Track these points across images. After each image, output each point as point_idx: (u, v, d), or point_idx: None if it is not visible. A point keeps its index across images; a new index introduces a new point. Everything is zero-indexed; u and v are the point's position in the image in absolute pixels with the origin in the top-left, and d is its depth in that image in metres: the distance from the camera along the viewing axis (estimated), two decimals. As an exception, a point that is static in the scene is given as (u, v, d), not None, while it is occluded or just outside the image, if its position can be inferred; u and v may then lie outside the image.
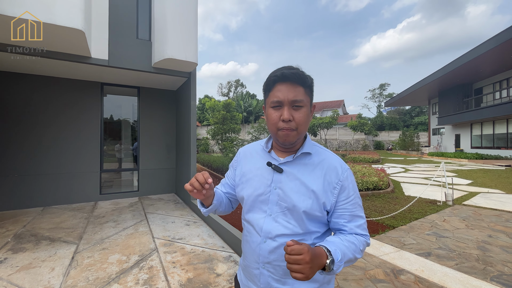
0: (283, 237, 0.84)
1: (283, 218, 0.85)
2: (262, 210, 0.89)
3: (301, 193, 0.84)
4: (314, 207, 0.83)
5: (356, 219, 0.86)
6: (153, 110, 5.95)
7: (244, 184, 0.96)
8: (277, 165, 0.89)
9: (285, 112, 0.80)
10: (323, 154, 0.90)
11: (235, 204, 1.11)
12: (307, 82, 0.83)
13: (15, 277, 2.36)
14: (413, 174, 9.70)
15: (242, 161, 1.02)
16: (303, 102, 0.81)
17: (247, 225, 0.94)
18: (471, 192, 6.37)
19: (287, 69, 0.82)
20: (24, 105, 4.72)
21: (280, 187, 0.86)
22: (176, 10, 4.26)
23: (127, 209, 4.69)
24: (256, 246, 0.88)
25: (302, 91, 0.82)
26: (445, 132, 22.17)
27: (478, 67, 15.14)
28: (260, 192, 0.90)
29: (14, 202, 4.58)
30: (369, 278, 2.43)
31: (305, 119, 0.83)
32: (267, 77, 0.85)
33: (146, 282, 2.29)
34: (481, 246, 3.19)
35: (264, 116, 0.91)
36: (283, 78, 0.81)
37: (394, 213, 4.41)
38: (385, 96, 45.15)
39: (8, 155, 4.58)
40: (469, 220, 4.23)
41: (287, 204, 0.84)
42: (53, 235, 3.38)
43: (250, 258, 0.91)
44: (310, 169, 0.87)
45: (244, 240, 0.97)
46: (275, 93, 0.82)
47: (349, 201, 0.85)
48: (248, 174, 0.96)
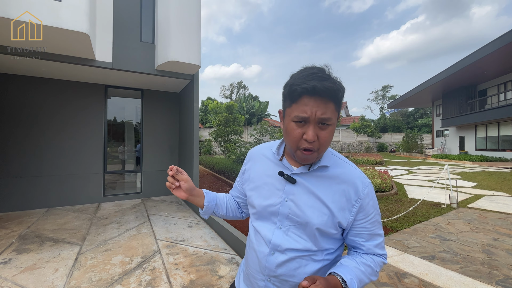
0: (294, 251, 0.78)
1: (294, 232, 0.79)
2: (272, 222, 0.83)
3: (315, 208, 0.77)
4: (329, 224, 0.77)
5: (374, 238, 0.80)
6: (156, 112, 5.99)
7: (253, 191, 0.89)
8: (289, 176, 0.81)
9: (310, 132, 0.70)
10: (342, 167, 0.82)
11: (246, 209, 1.05)
12: (340, 97, 0.71)
13: (19, 277, 2.38)
14: (416, 177, 9.62)
15: (251, 165, 0.96)
16: (331, 121, 0.70)
17: (255, 233, 0.87)
18: (476, 195, 6.30)
19: (318, 79, 0.67)
20: (30, 108, 4.78)
21: (292, 199, 0.80)
22: (179, 13, 4.30)
23: (130, 210, 4.71)
24: (263, 258, 0.81)
25: (332, 108, 0.70)
26: (449, 134, 22.00)
27: (483, 69, 15.02)
28: (270, 203, 0.83)
29: (19, 203, 4.63)
30: (372, 281, 2.41)
31: (330, 138, 0.73)
32: (292, 83, 0.71)
33: (148, 284, 2.29)
34: (486, 249, 3.15)
35: (282, 125, 0.80)
36: (313, 93, 0.67)
37: (398, 215, 4.38)
38: (388, 98, 44.95)
39: (12, 157, 4.63)
40: (474, 223, 4.18)
41: (299, 218, 0.78)
42: (57, 236, 3.40)
43: (254, 268, 0.85)
44: (327, 182, 0.79)
45: (249, 246, 0.90)
46: (301, 107, 0.69)
47: (368, 220, 0.79)
48: (257, 180, 0.89)
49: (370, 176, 6.92)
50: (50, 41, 3.36)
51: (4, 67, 4.29)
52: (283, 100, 0.78)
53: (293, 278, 0.78)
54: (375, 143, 30.49)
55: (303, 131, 0.71)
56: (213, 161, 10.73)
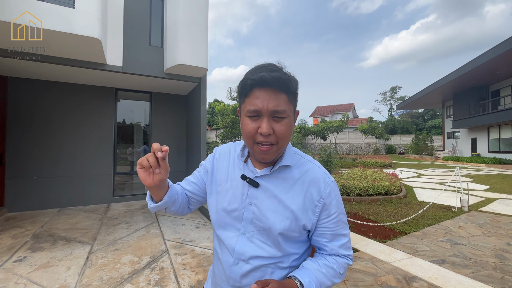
0: (258, 259, 0.75)
1: (258, 238, 0.76)
2: (236, 228, 0.78)
3: (278, 212, 0.74)
4: (292, 228, 0.74)
5: (338, 238, 0.78)
6: (165, 114, 6.09)
7: (218, 195, 0.84)
8: (252, 179, 0.77)
9: (264, 125, 0.67)
10: (305, 166, 0.79)
11: (193, 206, 0.95)
12: (291, 87, 0.69)
13: (34, 275, 2.46)
14: (426, 179, 9.43)
15: (218, 166, 0.88)
16: (285, 113, 0.69)
17: (219, 242, 0.83)
18: (489, 198, 6.13)
19: (267, 70, 0.67)
20: (43, 111, 4.95)
21: (256, 203, 0.76)
22: (187, 17, 4.39)
23: (139, 211, 4.80)
24: (227, 268, 0.78)
25: (284, 99, 0.68)
26: (460, 135, 21.48)
27: (495, 69, 14.64)
28: (233, 208, 0.79)
29: (33, 203, 4.78)
30: (380, 284, 2.39)
31: (287, 131, 0.70)
32: (243, 78, 0.71)
33: (157, 283, 2.33)
34: (499, 254, 3.07)
35: (240, 123, 0.76)
36: (262, 83, 0.67)
37: (407, 218, 4.31)
38: (396, 99, 44.29)
39: (26, 158, 4.79)
40: (486, 227, 4.08)
41: (262, 224, 0.75)
42: (69, 236, 3.50)
43: (220, 278, 0.82)
44: (290, 184, 0.77)
45: (215, 255, 0.86)
46: (252, 100, 0.68)
47: (331, 220, 0.76)
48: (221, 184, 0.84)
49: (378, 178, 6.83)
50: (63, 46, 3.48)
51: (19, 72, 4.46)
52: (238, 98, 0.77)
53: None
54: (383, 145, 30.05)
55: (257, 125, 0.69)
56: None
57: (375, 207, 5.24)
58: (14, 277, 2.41)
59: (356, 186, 5.93)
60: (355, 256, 2.97)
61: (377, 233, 3.76)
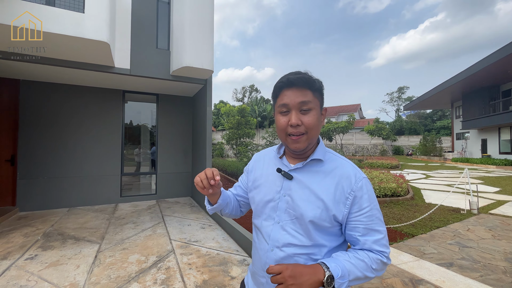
0: (291, 247, 0.81)
1: (291, 226, 0.82)
2: (271, 217, 0.86)
3: (309, 201, 0.80)
4: (323, 217, 0.78)
5: (371, 233, 0.78)
6: (171, 116, 6.17)
7: (256, 190, 0.94)
8: (286, 172, 0.86)
9: (293, 117, 0.78)
10: (337, 162, 0.85)
11: (244, 208, 1.09)
12: (315, 85, 0.80)
13: (44, 272, 2.53)
14: (434, 181, 9.28)
15: (255, 166, 1.01)
16: (311, 104, 0.78)
17: (256, 231, 0.93)
18: (499, 201, 5.99)
19: (293, 74, 0.80)
20: (52, 112, 5.07)
21: (289, 194, 0.84)
22: (193, 21, 4.45)
23: (145, 211, 4.86)
24: (264, 254, 0.85)
25: (310, 94, 0.79)
26: (470, 136, 21.02)
27: (506, 68, 14.31)
28: (269, 198, 0.88)
29: (43, 202, 4.90)
30: (386, 287, 2.37)
31: (315, 122, 0.79)
32: (275, 84, 0.84)
33: (163, 282, 2.37)
34: (509, 258, 3.00)
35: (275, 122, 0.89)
36: (289, 84, 0.79)
37: (414, 220, 4.26)
38: (404, 100, 43.67)
39: (37, 159, 4.92)
40: (496, 230, 3.99)
41: (295, 212, 0.81)
42: (78, 235, 3.58)
43: (258, 265, 0.89)
44: (321, 177, 0.82)
45: (253, 245, 0.95)
46: (282, 98, 0.80)
47: (363, 213, 0.79)
48: (259, 179, 0.95)
49: (385, 180, 6.75)
50: (72, 50, 3.58)
51: (30, 75, 4.59)
52: (272, 102, 0.89)
53: None
54: (390, 146, 29.65)
55: (287, 119, 0.79)
56: (225, 163, 10.85)
57: (382, 209, 5.18)
58: (26, 275, 2.48)
59: (362, 187, 5.88)
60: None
61: (383, 235, 3.72)
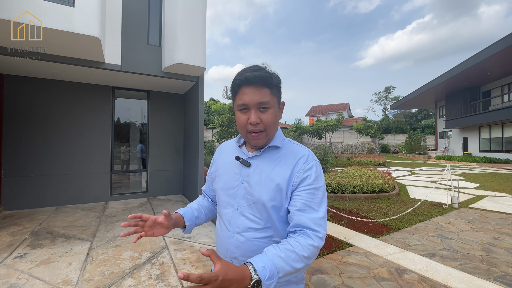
0: (250, 231, 0.84)
1: (249, 211, 0.85)
2: (230, 204, 0.89)
3: (265, 185, 0.83)
4: (278, 198, 0.82)
5: (309, 211, 0.78)
6: (162, 113, 6.12)
7: (217, 179, 0.98)
8: (244, 159, 0.89)
9: (252, 116, 0.80)
10: (292, 147, 0.90)
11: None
12: (272, 82, 0.82)
13: (35, 270, 2.50)
14: (419, 178, 9.65)
15: (218, 158, 1.04)
16: (269, 104, 0.81)
17: (219, 219, 0.96)
18: (478, 196, 6.33)
19: (251, 71, 0.81)
20: (40, 109, 4.93)
21: (247, 181, 0.87)
22: (185, 16, 4.43)
23: (136, 209, 4.83)
24: (225, 241, 0.88)
25: (267, 93, 0.81)
26: (452, 135, 21.91)
27: (486, 70, 14.99)
28: (229, 186, 0.91)
29: (29, 201, 4.77)
30: (373, 276, 2.49)
31: (273, 119, 0.83)
32: (233, 79, 0.84)
33: (158, 277, 2.40)
34: (486, 248, 3.21)
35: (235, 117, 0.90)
36: (247, 82, 0.80)
37: (399, 215, 4.45)
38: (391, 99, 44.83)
39: (23, 156, 4.78)
40: (474, 222, 4.24)
41: (252, 197, 0.84)
42: (68, 233, 3.52)
43: (220, 253, 0.91)
44: (277, 161, 0.86)
45: (216, 233, 0.99)
46: (241, 96, 0.81)
47: (306, 189, 0.80)
48: (220, 168, 0.98)
49: (373, 177, 6.98)
50: (62, 44, 3.50)
51: (15, 69, 4.44)
52: (231, 97, 0.89)
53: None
54: (377, 144, 30.42)
55: (247, 117, 0.82)
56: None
57: (369, 204, 5.37)
58: (15, 273, 2.44)
59: (351, 184, 6.06)
60: (349, 251, 3.08)
61: (371, 229, 3.88)
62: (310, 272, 2.57)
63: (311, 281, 2.40)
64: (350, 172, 7.94)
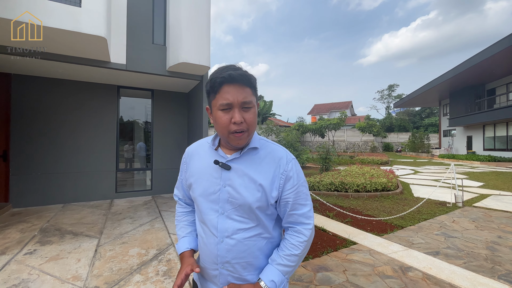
0: (240, 232, 0.85)
1: (236, 214, 0.86)
2: (214, 210, 0.88)
3: (249, 188, 0.85)
4: (263, 199, 0.85)
5: (299, 208, 0.88)
6: (166, 111, 6.16)
7: (195, 185, 0.93)
8: (224, 163, 0.87)
9: (236, 115, 0.79)
10: (269, 147, 0.92)
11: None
12: (253, 82, 0.83)
13: (45, 266, 2.55)
14: (422, 176, 9.62)
15: (190, 161, 1.00)
16: (251, 103, 0.81)
17: (202, 226, 0.93)
18: (482, 194, 6.31)
19: (233, 69, 0.80)
20: (47, 108, 4.99)
21: (230, 184, 0.86)
22: (190, 15, 4.45)
23: (141, 206, 4.89)
24: (214, 247, 0.87)
25: (249, 92, 0.81)
26: (456, 133, 21.76)
27: (491, 68, 14.84)
28: (210, 192, 0.89)
29: (37, 199, 4.85)
30: (377, 274, 2.52)
31: (255, 119, 0.84)
32: (211, 78, 0.82)
33: (165, 273, 2.44)
34: (490, 246, 3.22)
35: (211, 119, 0.88)
36: (231, 80, 0.78)
37: (403, 213, 4.46)
38: (394, 97, 44.57)
39: (31, 155, 4.85)
40: (479, 221, 4.24)
41: (238, 201, 0.85)
42: (76, 230, 3.59)
43: (207, 260, 0.90)
44: (258, 162, 0.88)
45: (199, 242, 0.96)
46: (224, 95, 0.79)
47: (293, 191, 0.87)
48: (196, 173, 0.94)
49: (376, 175, 6.98)
50: (69, 44, 3.54)
51: (22, 69, 4.50)
52: (207, 96, 0.87)
53: (244, 259, 0.87)
54: (380, 142, 30.30)
55: (230, 116, 0.80)
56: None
57: (373, 202, 5.38)
58: (26, 269, 2.50)
59: (354, 182, 6.07)
60: (354, 249, 3.10)
61: (375, 227, 3.90)
62: (315, 269, 2.60)
63: (315, 278, 2.43)
64: (353, 170, 7.95)
